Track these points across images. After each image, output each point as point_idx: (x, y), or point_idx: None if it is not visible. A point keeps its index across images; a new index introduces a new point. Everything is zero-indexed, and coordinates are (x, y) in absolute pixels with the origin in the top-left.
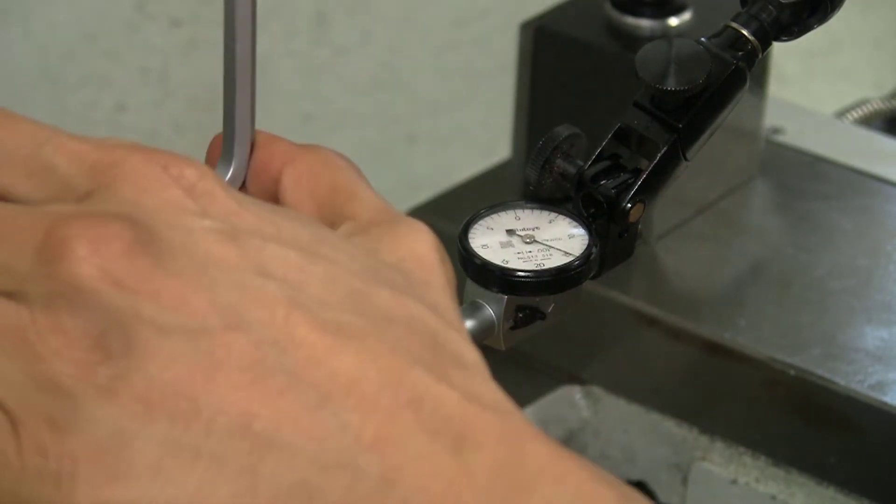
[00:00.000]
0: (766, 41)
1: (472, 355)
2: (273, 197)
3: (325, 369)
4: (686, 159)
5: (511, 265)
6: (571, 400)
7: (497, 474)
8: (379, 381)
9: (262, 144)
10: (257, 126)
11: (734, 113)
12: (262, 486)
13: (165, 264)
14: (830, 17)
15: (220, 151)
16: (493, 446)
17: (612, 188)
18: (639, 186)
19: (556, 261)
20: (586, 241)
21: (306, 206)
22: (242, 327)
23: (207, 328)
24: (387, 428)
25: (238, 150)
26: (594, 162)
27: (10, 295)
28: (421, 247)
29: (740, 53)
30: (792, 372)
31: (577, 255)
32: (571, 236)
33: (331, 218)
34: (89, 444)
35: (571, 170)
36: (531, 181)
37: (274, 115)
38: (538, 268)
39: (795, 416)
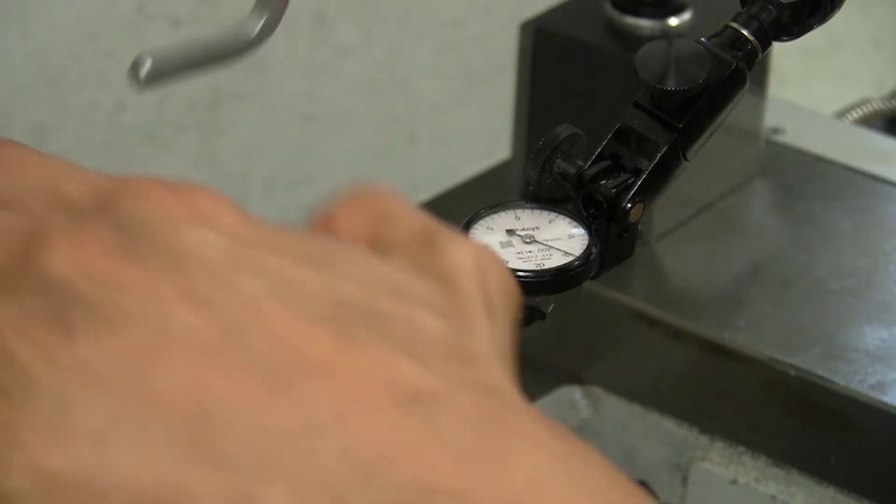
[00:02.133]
0: (766, 41)
1: (497, 373)
2: None
3: (294, 354)
4: (686, 159)
5: (511, 265)
6: (571, 400)
7: (475, 445)
8: (353, 367)
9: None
10: (259, 138)
11: (734, 113)
12: (205, 455)
13: (143, 263)
14: (830, 17)
15: None
16: (474, 419)
17: (612, 188)
18: (639, 186)
19: (556, 261)
20: (586, 241)
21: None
22: (209, 311)
23: (171, 311)
24: (352, 407)
25: None
26: (594, 162)
27: None
28: (460, 259)
29: (740, 53)
30: (792, 372)
31: (577, 255)
32: (571, 236)
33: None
34: (36, 413)
35: (571, 170)
36: (531, 181)
37: (274, 115)
38: (538, 268)
39: (795, 416)
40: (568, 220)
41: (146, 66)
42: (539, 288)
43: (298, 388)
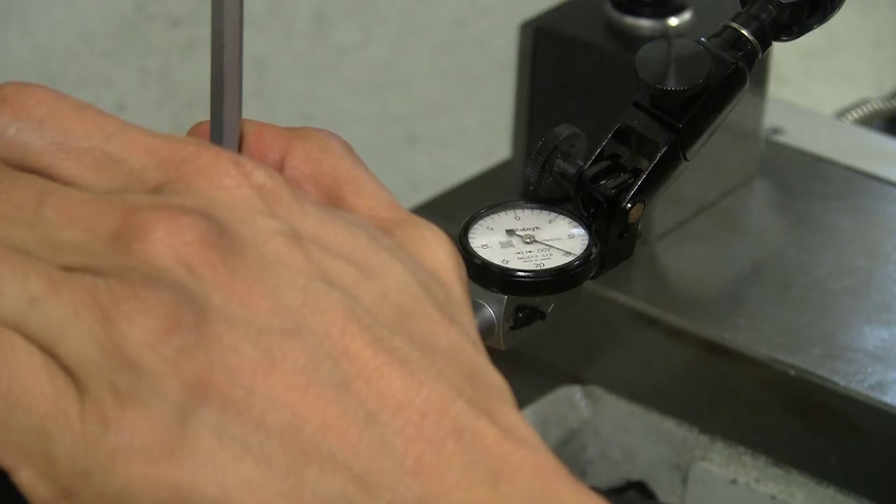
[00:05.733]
0: (766, 41)
1: (502, 385)
2: None
3: (374, 388)
4: (686, 159)
5: (511, 265)
6: (571, 400)
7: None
8: (423, 409)
9: (253, 133)
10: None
11: (734, 113)
12: (306, 491)
13: (235, 260)
14: (830, 17)
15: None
16: (527, 481)
17: (612, 188)
18: (639, 186)
19: (556, 261)
20: (586, 241)
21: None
22: (300, 334)
23: (269, 328)
24: (428, 456)
25: (226, 145)
26: (594, 162)
27: (83, 270)
28: (445, 256)
29: (740, 53)
30: (792, 372)
31: (577, 255)
32: (571, 236)
33: (338, 208)
34: (148, 418)
35: (571, 170)
36: (531, 181)
37: (274, 115)
38: (538, 268)
39: (795, 416)
40: (568, 220)
41: None
42: (539, 288)
43: (381, 431)
